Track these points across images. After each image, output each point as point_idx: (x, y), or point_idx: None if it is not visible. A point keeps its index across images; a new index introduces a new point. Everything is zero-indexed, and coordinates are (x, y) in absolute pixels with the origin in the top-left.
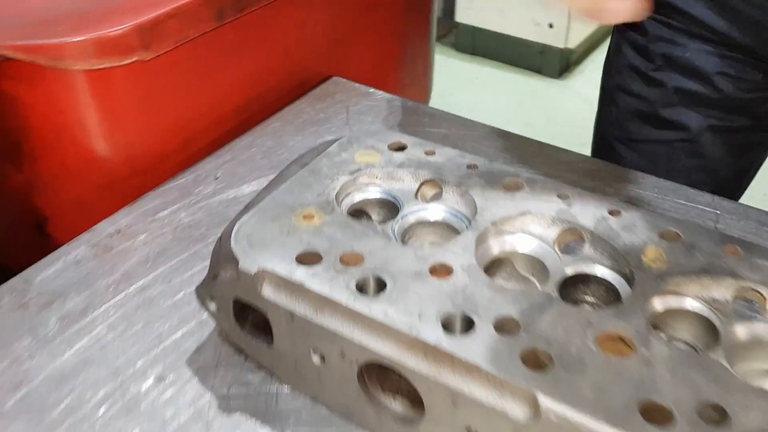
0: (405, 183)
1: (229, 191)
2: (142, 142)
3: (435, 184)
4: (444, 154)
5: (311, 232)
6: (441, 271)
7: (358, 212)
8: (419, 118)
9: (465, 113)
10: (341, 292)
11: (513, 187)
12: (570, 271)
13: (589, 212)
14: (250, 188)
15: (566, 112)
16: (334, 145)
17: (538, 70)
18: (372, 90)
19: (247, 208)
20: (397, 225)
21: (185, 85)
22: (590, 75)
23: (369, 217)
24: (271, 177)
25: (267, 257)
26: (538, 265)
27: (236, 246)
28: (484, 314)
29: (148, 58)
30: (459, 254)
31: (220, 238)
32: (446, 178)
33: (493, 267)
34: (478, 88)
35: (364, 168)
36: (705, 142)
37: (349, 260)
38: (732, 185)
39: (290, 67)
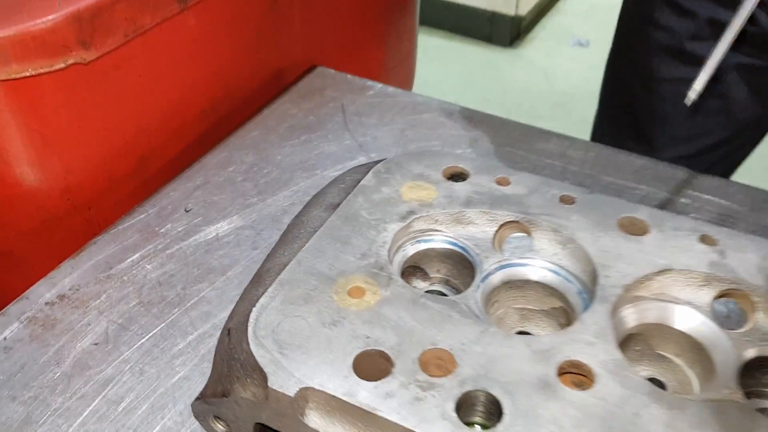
0: (478, 227)
1: (206, 229)
2: (83, 167)
3: (520, 226)
4: (523, 182)
5: (366, 319)
6: (573, 373)
7: (409, 272)
8: (436, 117)
9: (417, 89)
10: (436, 423)
11: (634, 229)
12: (751, 353)
13: (751, 263)
14: (233, 224)
15: (521, 83)
16: (369, 175)
17: (488, 38)
18: (368, 82)
19: (260, 280)
20: (479, 292)
21: (137, 90)
22: (542, 43)
23: (423, 275)
24: (259, 206)
25: (309, 366)
26: (688, 344)
27: (260, 350)
28: None
29: (89, 59)
30: (594, 343)
31: (227, 332)
32: (535, 218)
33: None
34: (426, 61)
35: (418, 208)
36: (731, 81)
37: (434, 364)
38: (752, 131)
39: (263, 55)
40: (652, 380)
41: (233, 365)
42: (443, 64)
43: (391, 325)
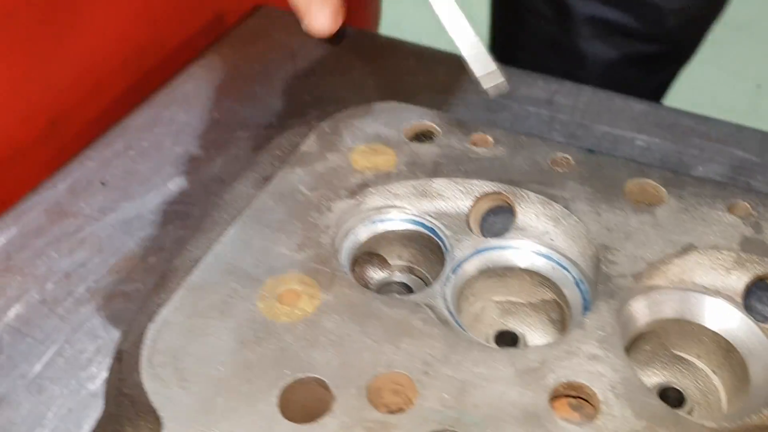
0: (448, 201)
1: (126, 205)
2: None
3: (501, 199)
4: (505, 141)
5: (300, 334)
6: (572, 396)
7: (364, 260)
8: (404, 63)
9: (384, 30)
10: None
11: (646, 197)
12: None
13: None
14: (159, 198)
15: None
16: (310, 138)
17: None
18: None
19: (164, 283)
20: (450, 286)
21: (42, 37)
22: None
23: (382, 262)
24: (191, 176)
25: (219, 406)
26: (714, 345)
27: (153, 383)
28: None
29: None
30: (598, 357)
31: (119, 356)
32: (520, 187)
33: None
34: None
35: (373, 180)
36: (617, 70)
37: (390, 391)
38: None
39: None
40: (667, 390)
41: (122, 402)
42: (414, 1)
43: (332, 340)
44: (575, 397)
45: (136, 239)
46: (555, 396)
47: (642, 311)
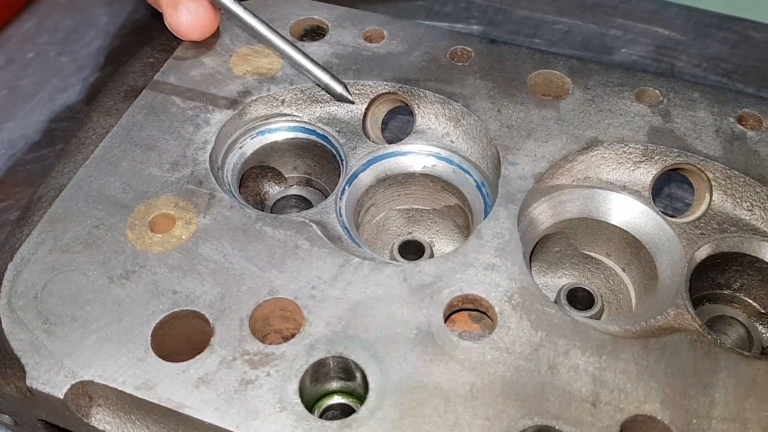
0: (341, 106)
1: (9, 126)
2: None
3: (398, 99)
4: (401, 35)
5: (175, 263)
6: (467, 316)
7: (256, 174)
8: None
9: None
10: (271, 417)
11: (550, 89)
12: (704, 252)
13: (705, 123)
14: (44, 114)
15: None
16: (185, 41)
17: None
18: None
19: (26, 215)
20: (345, 198)
21: None
22: None
23: (276, 175)
24: (79, 87)
25: (87, 347)
26: (622, 242)
27: (15, 329)
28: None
29: None
30: (495, 266)
31: None
32: (417, 85)
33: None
34: None
35: (256, 86)
36: None
37: (278, 317)
38: None
39: None
40: (577, 290)
41: None
42: None
43: (211, 269)
44: (474, 310)
45: (24, 169)
46: (452, 311)
47: (545, 213)
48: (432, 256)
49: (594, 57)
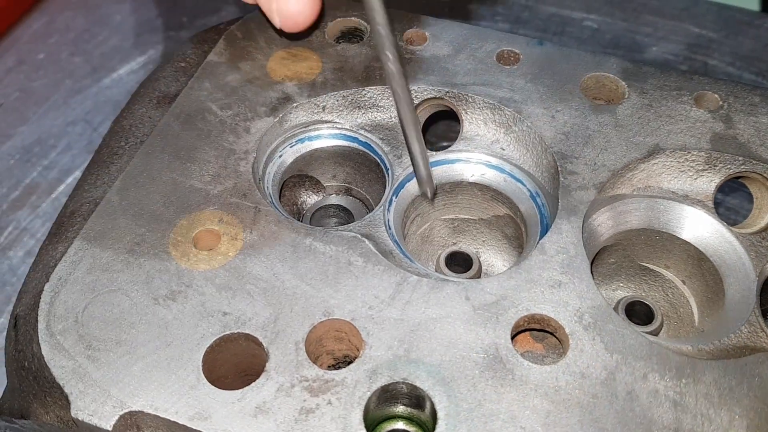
0: (384, 112)
1: (23, 129)
2: None
3: (444, 104)
4: (444, 36)
5: (223, 282)
6: (529, 336)
7: (294, 183)
8: None
9: None
10: None
11: (604, 93)
12: None
13: (766, 128)
14: (60, 118)
15: None
16: (220, 44)
17: None
18: None
19: (59, 231)
20: (392, 210)
21: None
22: None
23: (314, 184)
24: (94, 89)
25: (135, 375)
26: (683, 254)
27: (56, 355)
28: None
29: None
30: (563, 284)
31: (14, 322)
32: (464, 90)
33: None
34: None
35: (296, 91)
36: None
37: (333, 338)
38: None
39: None
40: (635, 304)
41: (24, 376)
42: None
43: (261, 288)
44: (541, 330)
45: (38, 168)
46: (517, 332)
47: (606, 224)
48: (480, 268)
49: (626, 56)
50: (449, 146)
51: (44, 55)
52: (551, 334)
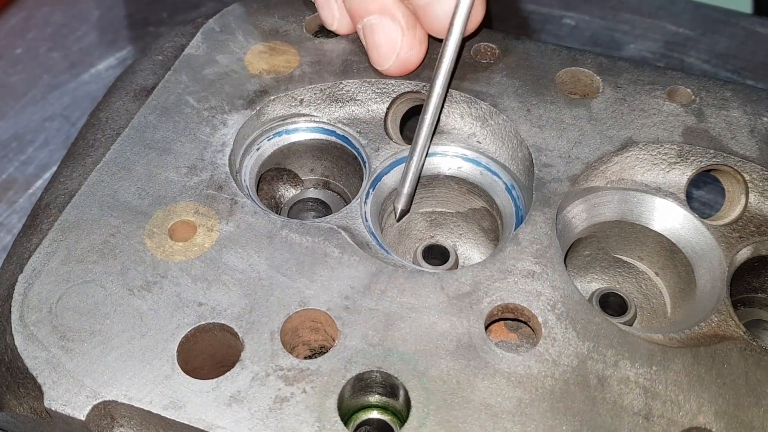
0: (362, 105)
1: (1, 124)
2: None
3: (421, 98)
4: None
5: (198, 273)
6: (503, 325)
7: (271, 176)
8: None
9: None
10: None
11: (579, 87)
12: (744, 255)
13: (738, 123)
14: (37, 113)
15: None
16: (197, 37)
17: None
18: None
19: (34, 223)
20: (369, 202)
21: None
22: None
23: (293, 178)
24: (72, 85)
25: (109, 365)
26: (656, 245)
27: (29, 346)
28: None
29: None
30: (536, 274)
31: None
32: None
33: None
34: None
35: (273, 85)
36: None
37: (308, 329)
38: None
39: None
40: (609, 295)
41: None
42: None
43: (236, 279)
44: (514, 319)
45: (15, 163)
46: (491, 321)
47: (580, 216)
48: (457, 261)
49: (603, 53)
50: None
51: (22, 50)
52: (525, 323)
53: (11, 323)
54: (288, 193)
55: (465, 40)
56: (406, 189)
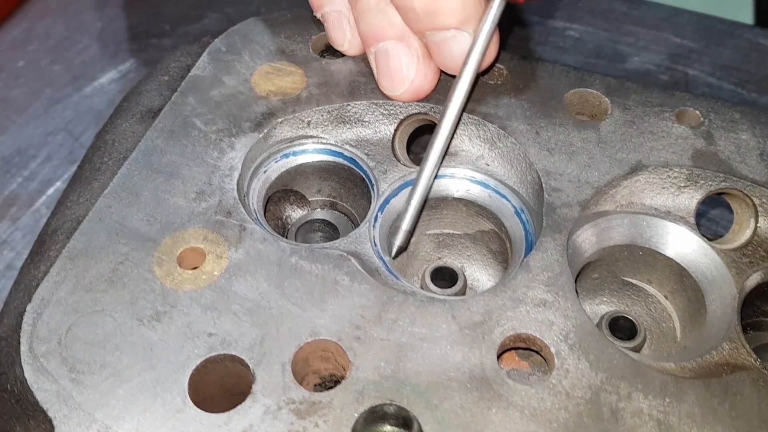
0: (369, 126)
1: (2, 139)
2: None
3: (428, 119)
4: None
5: (208, 302)
6: (514, 353)
7: (278, 197)
8: None
9: None
10: None
11: (588, 109)
12: (754, 280)
13: (748, 147)
14: (40, 128)
15: None
16: (203, 58)
17: None
18: None
19: (41, 249)
20: (378, 226)
21: None
22: None
23: (299, 199)
24: (74, 98)
25: (119, 398)
26: (666, 269)
27: (39, 378)
28: None
29: None
30: (548, 303)
31: None
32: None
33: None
34: None
35: (280, 107)
36: None
37: (318, 357)
38: None
39: None
40: (618, 319)
41: (6, 399)
42: None
43: (247, 308)
44: (525, 348)
45: (18, 179)
46: (503, 350)
47: (589, 240)
48: (465, 283)
49: (608, 65)
50: None
51: (24, 63)
52: (537, 352)
53: (20, 354)
54: (295, 213)
55: (477, 77)
56: (406, 226)
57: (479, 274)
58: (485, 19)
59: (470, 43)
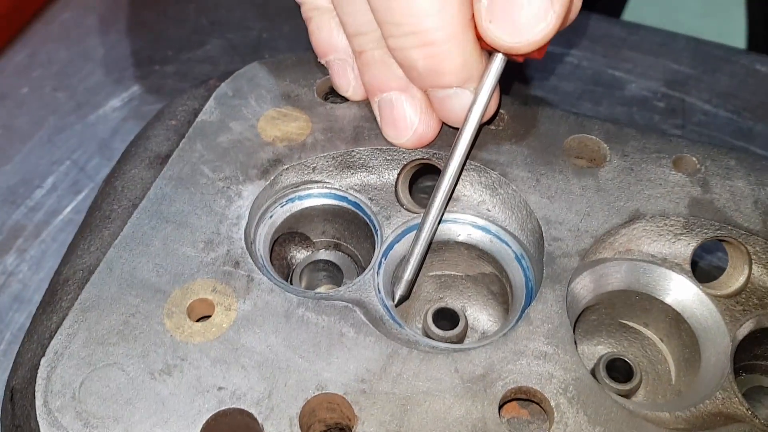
0: (373, 172)
1: (6, 168)
2: None
3: (430, 163)
4: None
5: (218, 355)
6: (521, 399)
7: (283, 239)
8: None
9: None
10: None
11: (587, 153)
12: (747, 328)
13: (743, 194)
14: (45, 157)
15: None
16: (210, 103)
17: None
18: None
19: (53, 300)
20: (381, 273)
21: None
22: None
23: (304, 240)
24: (78, 126)
25: None
26: (661, 313)
27: (53, 430)
28: None
29: None
30: (548, 355)
31: (10, 394)
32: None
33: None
34: None
35: (286, 153)
36: None
37: (322, 415)
38: None
39: None
40: (615, 361)
41: None
42: None
43: (255, 361)
44: (525, 399)
45: (23, 210)
46: (505, 401)
47: (587, 287)
48: (467, 325)
49: (605, 92)
50: None
51: (27, 90)
52: (537, 404)
53: (35, 409)
54: (299, 254)
55: (479, 128)
56: (408, 276)
57: (480, 314)
58: (486, 77)
59: (471, 100)
